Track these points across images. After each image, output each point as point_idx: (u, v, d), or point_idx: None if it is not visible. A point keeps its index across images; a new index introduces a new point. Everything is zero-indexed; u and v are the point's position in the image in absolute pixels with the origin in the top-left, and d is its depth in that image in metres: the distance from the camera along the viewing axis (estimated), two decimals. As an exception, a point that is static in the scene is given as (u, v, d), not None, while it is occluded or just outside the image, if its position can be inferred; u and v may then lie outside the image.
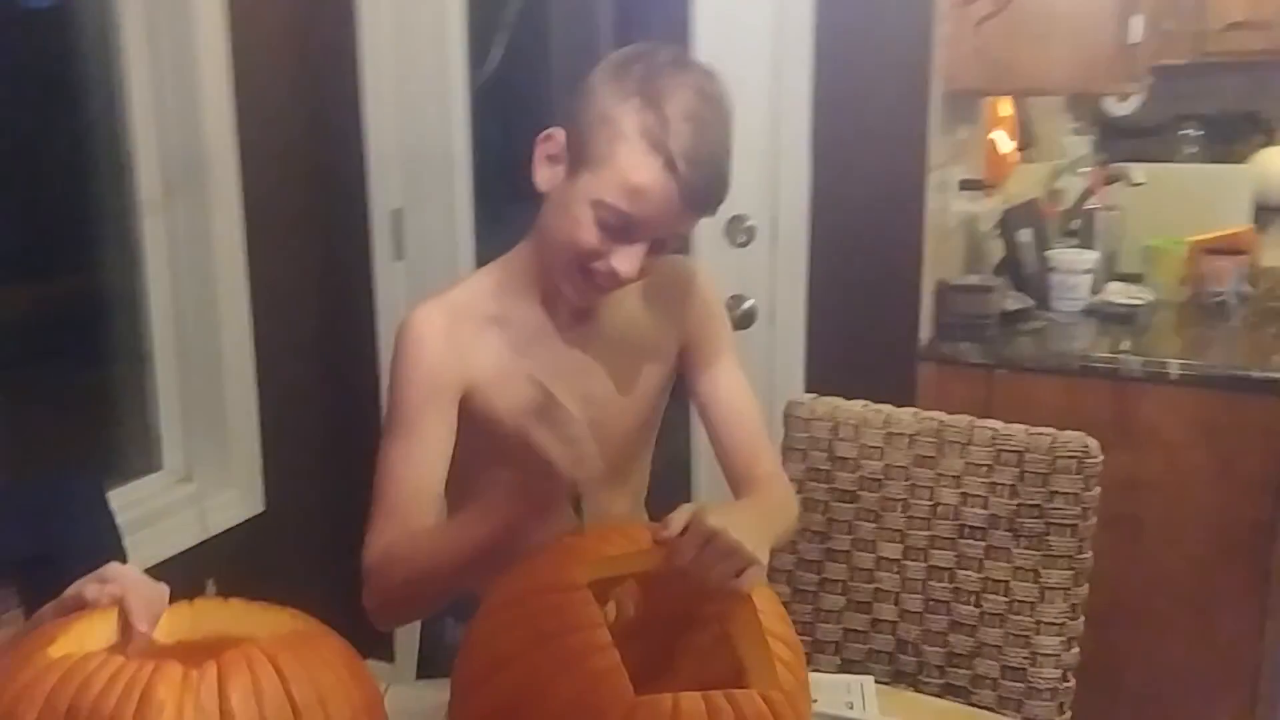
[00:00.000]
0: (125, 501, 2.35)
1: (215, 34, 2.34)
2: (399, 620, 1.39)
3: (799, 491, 1.75)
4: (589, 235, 1.34)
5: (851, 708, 1.45)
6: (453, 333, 1.41)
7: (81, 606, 1.03)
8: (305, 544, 2.66)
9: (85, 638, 0.99)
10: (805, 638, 1.77)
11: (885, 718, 1.44)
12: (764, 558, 1.16)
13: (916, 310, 2.38)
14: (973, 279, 2.51)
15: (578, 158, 1.35)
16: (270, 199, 2.51)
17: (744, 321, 2.48)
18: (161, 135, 2.38)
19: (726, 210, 2.50)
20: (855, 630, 1.75)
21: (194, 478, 2.50)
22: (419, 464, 1.36)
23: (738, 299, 2.49)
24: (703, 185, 1.32)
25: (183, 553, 2.36)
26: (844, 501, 1.75)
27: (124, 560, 1.56)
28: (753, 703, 1.04)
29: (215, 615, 1.10)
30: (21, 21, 2.47)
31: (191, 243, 2.41)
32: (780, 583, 1.78)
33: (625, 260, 1.36)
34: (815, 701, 1.43)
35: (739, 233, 2.47)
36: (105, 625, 1.02)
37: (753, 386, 1.58)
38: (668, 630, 1.24)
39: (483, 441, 1.40)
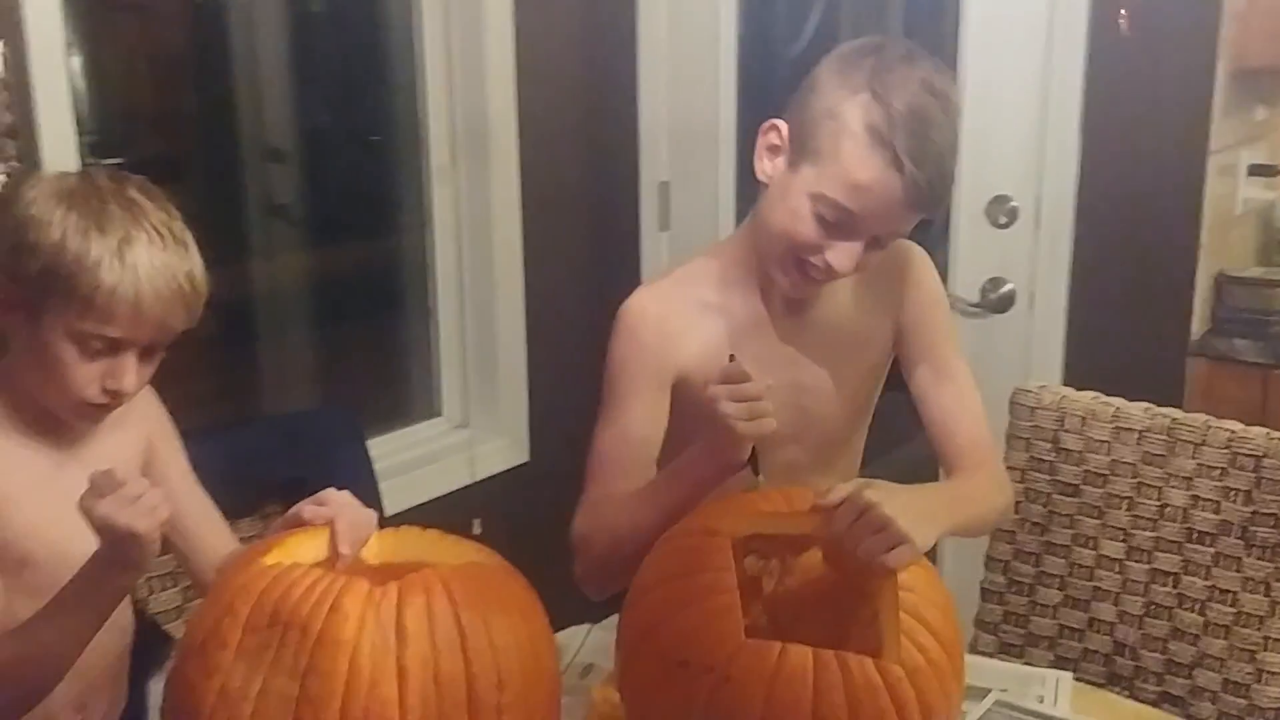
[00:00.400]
0: (407, 442, 2.60)
1: (502, 15, 2.51)
2: (606, 588, 1.43)
3: (1020, 481, 1.72)
4: (806, 229, 1.36)
5: (1041, 701, 1.43)
6: (670, 319, 1.45)
7: (300, 524, 1.19)
8: (562, 497, 2.81)
9: (298, 551, 1.15)
10: (1018, 629, 1.74)
11: (1077, 716, 1.41)
12: (922, 540, 1.17)
13: (1189, 302, 2.24)
14: (1256, 271, 2.34)
15: (800, 150, 1.36)
16: (546, 169, 2.66)
17: (1001, 305, 2.42)
18: (452, 109, 2.57)
19: (989, 189, 2.47)
20: (1071, 628, 1.70)
21: (469, 425, 2.71)
22: (629, 446, 1.43)
23: (996, 281, 2.42)
24: (926, 184, 1.31)
25: (453, 492, 2.57)
26: (1066, 495, 1.70)
27: (374, 486, 1.76)
28: (864, 670, 1.06)
29: (416, 543, 1.23)
30: (333, 6, 2.76)
31: (473, 207, 2.60)
32: (996, 573, 1.76)
33: (842, 256, 1.36)
34: (1004, 691, 1.43)
35: (1001, 213, 2.40)
36: (318, 542, 1.18)
37: (1007, 373, 1.55)
38: (842, 607, 1.27)
39: (689, 425, 1.41)
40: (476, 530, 2.52)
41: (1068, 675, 1.45)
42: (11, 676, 1.17)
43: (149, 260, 1.22)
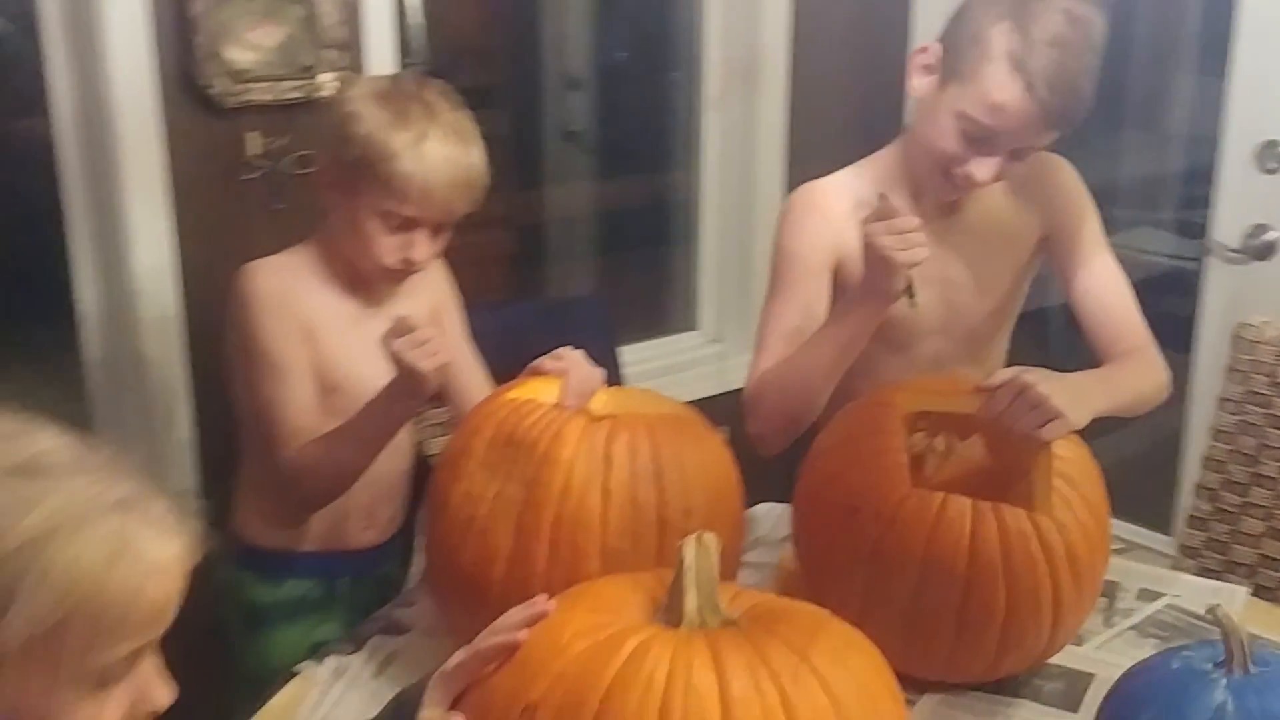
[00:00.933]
0: (667, 350, 2.84)
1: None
2: (781, 441, 1.59)
3: (1235, 414, 1.75)
4: (951, 143, 1.51)
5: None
6: (831, 210, 1.62)
7: (539, 374, 1.42)
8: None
9: (534, 393, 1.38)
10: (1219, 556, 1.78)
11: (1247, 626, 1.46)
12: (1075, 416, 1.29)
13: None
14: None
15: (949, 71, 1.51)
16: (813, 102, 2.79)
17: (1263, 252, 2.37)
18: (725, 40, 2.75)
19: (1259, 133, 2.41)
20: (1271, 558, 1.73)
21: (722, 340, 2.91)
22: (794, 320, 1.60)
23: (1260, 228, 2.37)
24: (1059, 106, 1.45)
25: (703, 399, 2.78)
26: (1278, 428, 1.72)
27: (614, 361, 1.98)
28: (1017, 519, 1.20)
29: (635, 400, 1.45)
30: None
31: (739, 138, 2.78)
32: (1203, 500, 1.80)
33: (982, 168, 1.51)
34: (1178, 597, 1.50)
35: (1270, 159, 2.35)
36: (551, 389, 1.41)
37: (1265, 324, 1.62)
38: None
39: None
40: (724, 435, 2.73)
41: (1244, 590, 1.51)
42: (318, 473, 1.48)
43: (439, 153, 1.48)
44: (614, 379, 1.93)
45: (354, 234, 1.52)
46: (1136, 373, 1.59)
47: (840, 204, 1.63)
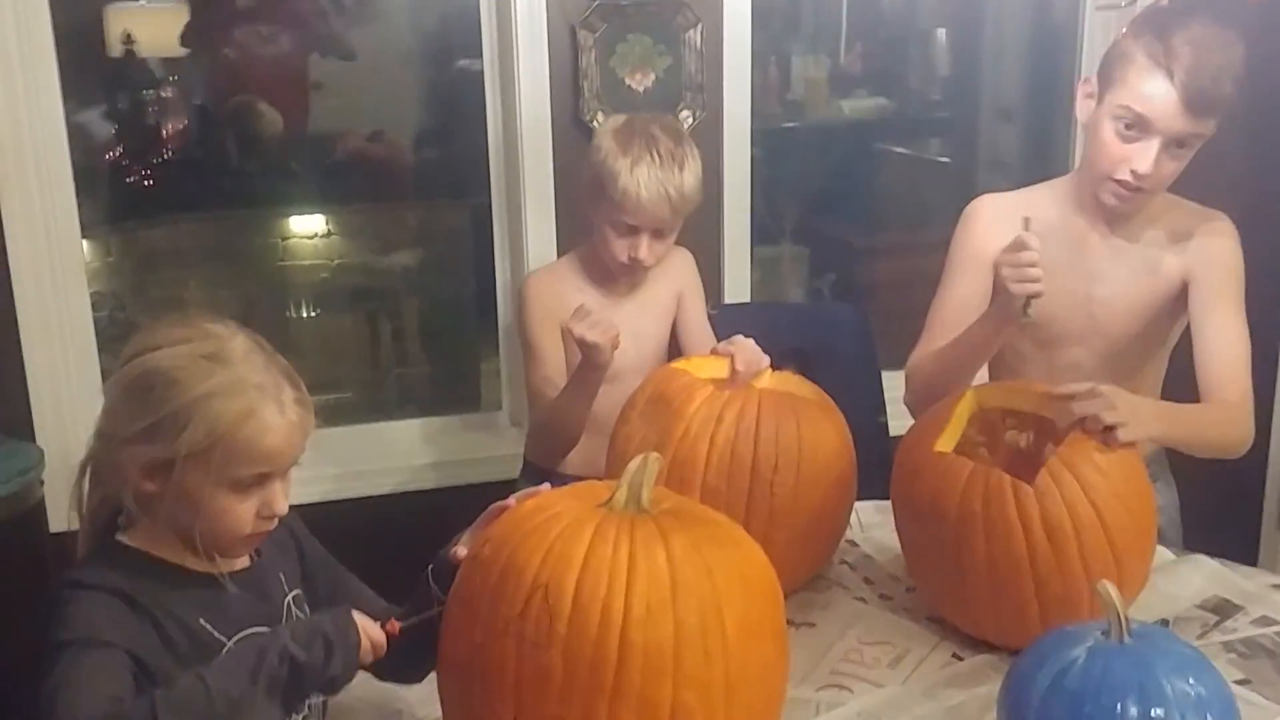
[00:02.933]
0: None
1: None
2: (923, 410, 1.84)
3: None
4: (1110, 143, 1.71)
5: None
6: (999, 221, 1.82)
7: (725, 354, 1.78)
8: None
9: (702, 369, 1.76)
10: None
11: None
12: (1140, 431, 1.47)
13: None
14: None
15: (1104, 88, 1.72)
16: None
17: None
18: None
19: None
20: None
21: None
22: (953, 312, 1.85)
23: None
24: (1197, 90, 1.63)
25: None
26: None
27: (875, 371, 2.27)
28: (1000, 481, 1.43)
29: (789, 384, 1.77)
30: None
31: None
32: None
33: (1141, 159, 1.69)
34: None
35: None
36: (719, 366, 1.78)
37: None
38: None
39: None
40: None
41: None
42: (552, 425, 1.99)
43: (647, 174, 1.92)
44: (874, 388, 2.23)
45: (602, 237, 2.01)
46: (1209, 419, 1.70)
47: (1007, 216, 1.83)
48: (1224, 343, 1.75)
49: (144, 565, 1.23)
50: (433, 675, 1.29)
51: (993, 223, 1.86)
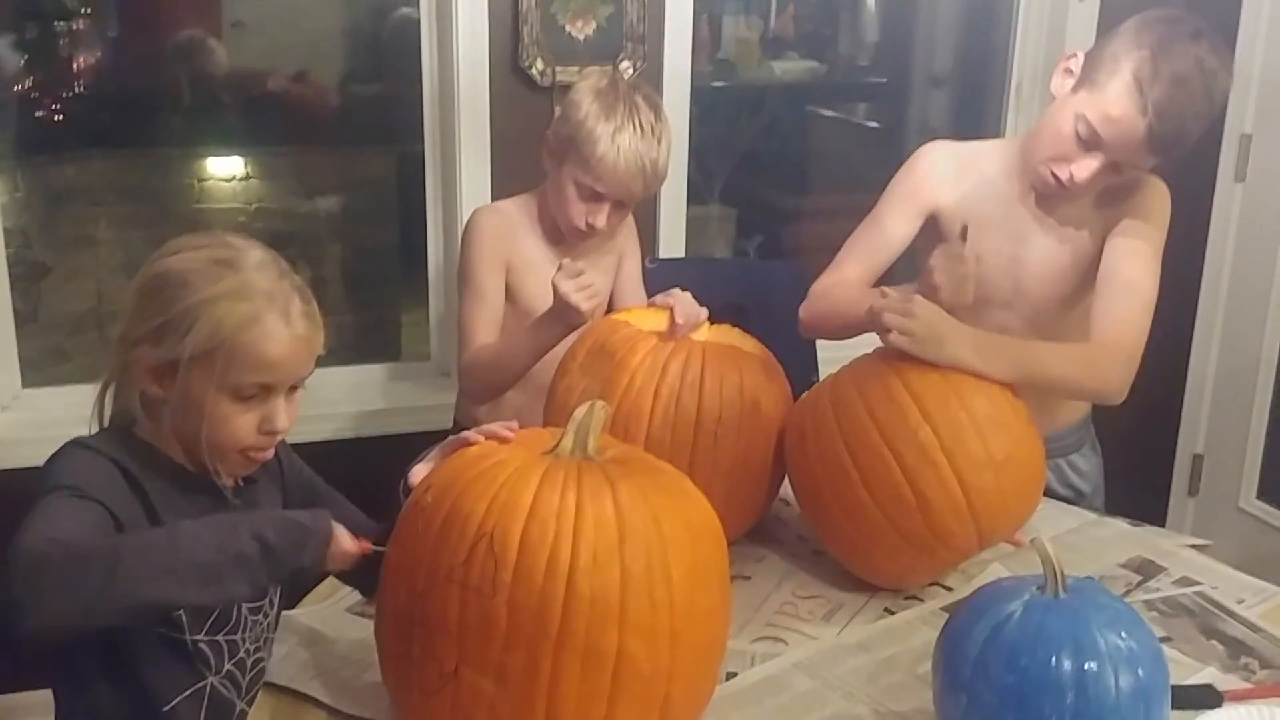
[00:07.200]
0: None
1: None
2: (813, 336, 1.93)
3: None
4: (1064, 139, 1.69)
5: (1240, 603, 1.55)
6: (945, 167, 1.86)
7: (664, 306, 1.76)
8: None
9: (641, 320, 1.74)
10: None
11: (1270, 627, 1.51)
12: (937, 352, 1.48)
13: None
14: None
15: (1084, 79, 1.68)
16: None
17: None
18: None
19: None
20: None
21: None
22: (872, 243, 1.87)
23: None
24: (1163, 135, 1.61)
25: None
26: None
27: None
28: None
29: (729, 337, 1.77)
30: None
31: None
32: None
33: (1082, 168, 1.68)
34: (1215, 588, 1.61)
35: None
36: (659, 319, 1.76)
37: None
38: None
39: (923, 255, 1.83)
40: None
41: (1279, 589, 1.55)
42: (483, 373, 1.93)
43: (628, 145, 1.87)
44: (808, 345, 2.23)
45: (557, 194, 1.95)
46: (1075, 358, 1.68)
47: (955, 166, 1.85)
48: (1116, 294, 1.72)
49: (149, 455, 1.27)
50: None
51: (936, 167, 1.87)
